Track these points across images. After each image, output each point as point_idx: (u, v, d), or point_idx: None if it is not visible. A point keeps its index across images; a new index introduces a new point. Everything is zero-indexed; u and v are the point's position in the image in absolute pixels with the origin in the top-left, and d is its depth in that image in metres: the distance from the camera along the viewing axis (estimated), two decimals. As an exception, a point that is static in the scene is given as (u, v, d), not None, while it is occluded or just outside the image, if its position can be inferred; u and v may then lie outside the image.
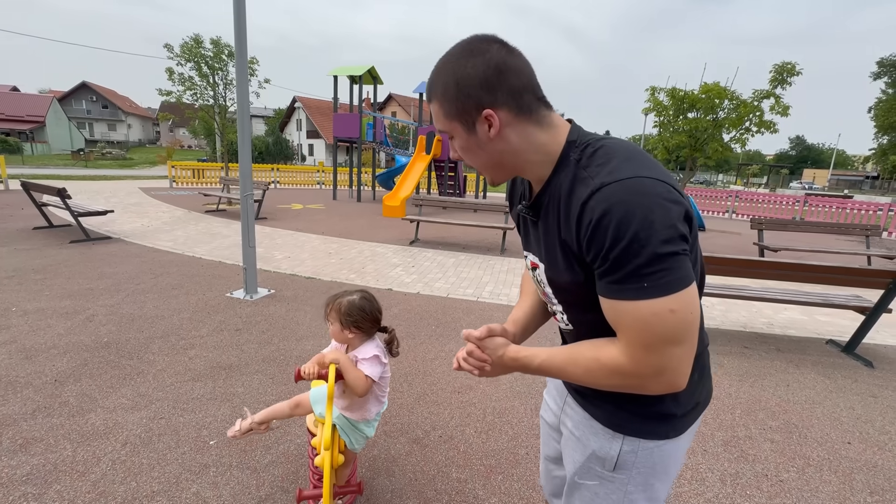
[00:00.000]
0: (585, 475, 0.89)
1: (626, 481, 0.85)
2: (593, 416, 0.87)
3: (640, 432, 0.82)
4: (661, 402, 0.81)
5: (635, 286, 0.65)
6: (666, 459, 0.84)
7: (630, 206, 0.63)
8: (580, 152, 0.74)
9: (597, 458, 0.86)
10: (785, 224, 7.18)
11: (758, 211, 14.71)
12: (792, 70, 5.60)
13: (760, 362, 3.34)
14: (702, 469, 2.09)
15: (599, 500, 0.88)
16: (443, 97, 0.75)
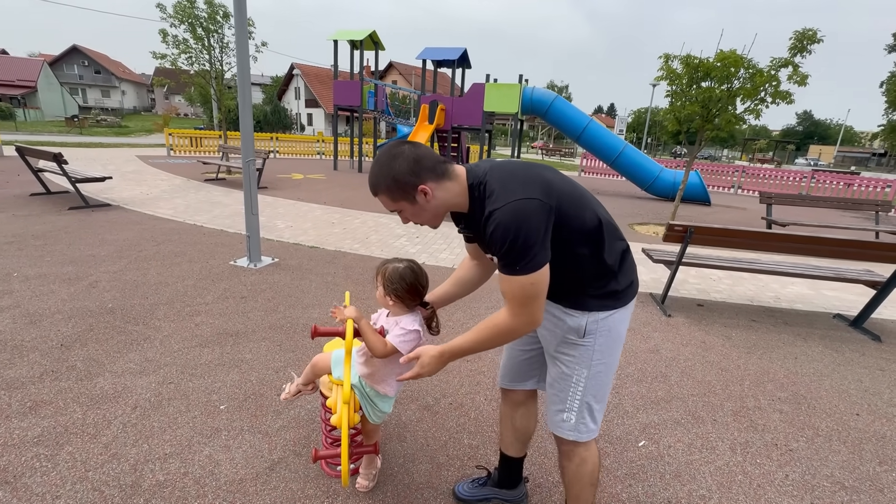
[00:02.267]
0: (563, 345, 1.25)
1: (593, 343, 1.22)
2: (566, 305, 1.22)
3: (598, 307, 1.20)
4: (608, 284, 1.19)
5: (513, 268, 1.06)
6: (617, 325, 1.22)
7: (506, 225, 1.03)
8: (477, 191, 1.13)
9: (571, 329, 1.22)
10: (794, 199, 7.08)
11: (764, 187, 14.52)
12: (813, 37, 5.36)
13: (768, 335, 3.33)
14: (712, 438, 2.09)
15: (575, 361, 1.24)
16: (387, 190, 1.14)
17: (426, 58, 12.48)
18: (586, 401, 1.26)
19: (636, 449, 1.98)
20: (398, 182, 1.11)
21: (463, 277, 1.55)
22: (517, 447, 1.58)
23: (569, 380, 1.26)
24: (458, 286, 1.55)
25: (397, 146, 1.13)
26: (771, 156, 45.54)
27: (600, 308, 1.20)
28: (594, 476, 1.34)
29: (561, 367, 1.27)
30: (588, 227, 1.14)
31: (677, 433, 2.11)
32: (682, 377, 2.63)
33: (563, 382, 1.27)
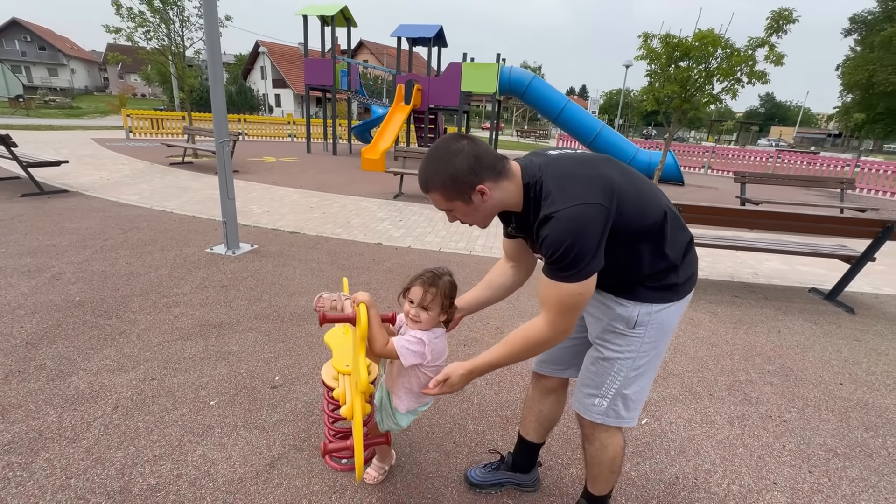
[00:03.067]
0: (607, 333, 1.19)
1: (642, 335, 1.15)
2: (617, 294, 1.16)
3: (653, 299, 1.13)
4: (667, 277, 1.13)
5: (562, 275, 1.01)
6: (670, 318, 1.16)
7: (563, 231, 0.98)
8: (533, 191, 1.07)
9: (620, 318, 1.16)
10: (766, 177, 7.31)
11: (732, 167, 14.97)
12: (789, 17, 5.45)
13: (751, 310, 3.43)
14: (710, 412, 2.13)
15: (620, 351, 1.18)
16: (442, 188, 1.07)
17: (401, 35, 12.10)
18: (623, 391, 1.20)
19: (640, 427, 1.99)
20: (456, 181, 1.04)
21: (497, 281, 1.42)
22: (539, 433, 1.54)
23: (610, 367, 1.20)
24: (492, 290, 1.42)
25: (455, 141, 1.06)
26: (736, 137, 47.03)
27: (655, 300, 1.14)
28: (615, 464, 1.31)
29: (603, 353, 1.21)
30: (649, 223, 1.08)
31: (677, 409, 2.14)
32: (676, 354, 2.67)
33: (603, 368, 1.21)
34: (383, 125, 11.14)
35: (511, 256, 1.39)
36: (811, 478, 1.75)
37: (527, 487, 1.61)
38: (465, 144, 1.05)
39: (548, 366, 1.46)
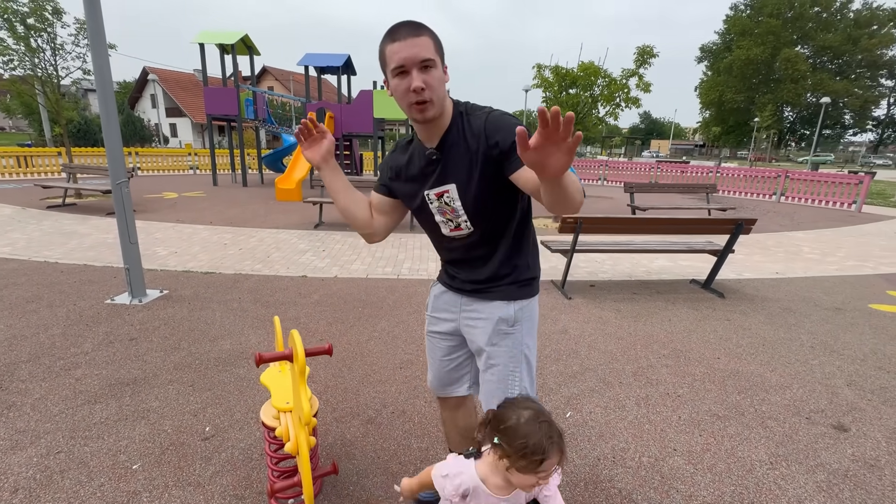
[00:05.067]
0: (495, 337, 1.30)
1: (521, 330, 1.30)
2: (493, 299, 1.30)
3: (522, 295, 1.30)
4: (529, 271, 1.31)
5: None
6: (536, 309, 1.35)
7: (504, 117, 1.12)
8: (463, 107, 1.18)
9: (503, 320, 1.29)
10: (649, 186, 8.40)
11: (623, 177, 16.86)
12: (651, 52, 6.45)
13: (647, 304, 3.94)
14: (621, 398, 2.43)
15: (507, 349, 1.30)
16: (434, 38, 1.07)
17: (308, 64, 12.03)
18: (524, 384, 1.31)
19: (565, 420, 2.22)
20: (439, 44, 1.09)
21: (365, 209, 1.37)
22: (465, 444, 1.67)
23: (504, 369, 1.30)
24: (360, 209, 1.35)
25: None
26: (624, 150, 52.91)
27: (525, 296, 1.30)
28: None
29: (496, 358, 1.30)
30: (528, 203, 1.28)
31: (594, 399, 2.41)
32: (590, 350, 2.99)
33: (500, 372, 1.31)
34: (296, 154, 10.89)
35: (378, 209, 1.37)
36: (701, 440, 2.09)
37: None
38: None
39: (443, 388, 1.54)
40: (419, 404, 2.32)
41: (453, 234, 1.29)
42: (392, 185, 1.33)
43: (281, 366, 1.76)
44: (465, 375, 1.51)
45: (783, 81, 47.26)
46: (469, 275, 1.34)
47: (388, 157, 1.36)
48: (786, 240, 7.03)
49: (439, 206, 1.25)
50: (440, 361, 1.50)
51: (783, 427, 2.21)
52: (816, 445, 2.07)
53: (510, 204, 1.23)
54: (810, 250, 6.30)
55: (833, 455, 2.01)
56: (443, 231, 1.30)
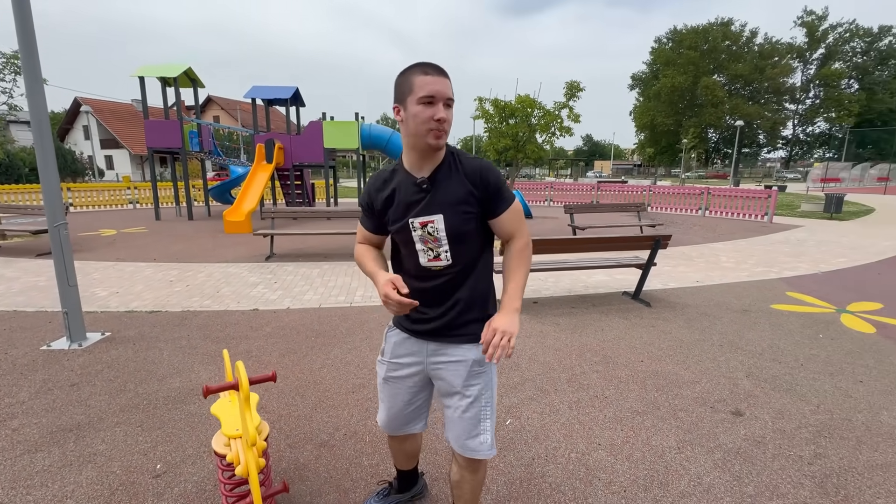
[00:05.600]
0: (472, 378, 1.38)
1: (492, 366, 1.43)
2: (463, 342, 1.39)
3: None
4: (493, 308, 1.44)
5: (510, 197, 1.34)
6: None
7: (494, 169, 1.32)
8: (454, 149, 1.34)
9: (476, 362, 1.38)
10: (588, 207, 9.04)
11: (567, 198, 17.86)
12: (578, 87, 7.12)
13: (583, 316, 4.29)
14: (555, 403, 2.69)
15: (481, 388, 1.39)
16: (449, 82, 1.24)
17: (255, 97, 12.05)
18: (492, 419, 1.41)
19: (505, 427, 2.44)
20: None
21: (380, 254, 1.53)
22: (411, 463, 1.81)
23: (478, 405, 1.38)
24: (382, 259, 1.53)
25: None
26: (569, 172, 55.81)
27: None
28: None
29: (471, 396, 1.37)
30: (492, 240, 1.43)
31: (532, 407, 2.65)
32: (530, 363, 3.26)
33: (475, 410, 1.37)
34: (245, 185, 10.78)
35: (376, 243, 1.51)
36: (622, 434, 2.38)
37: (417, 495, 1.89)
38: None
39: (400, 428, 1.59)
40: (370, 424, 2.46)
41: (430, 265, 1.34)
42: (378, 217, 1.39)
43: (230, 395, 1.87)
44: (423, 414, 1.58)
45: (705, 106, 52.10)
46: (436, 311, 1.37)
47: (371, 192, 1.39)
48: (707, 251, 7.80)
49: (422, 234, 1.31)
50: (402, 405, 1.52)
51: (691, 416, 2.54)
52: (716, 430, 2.41)
53: (485, 240, 1.38)
54: (727, 259, 7.04)
55: (729, 436, 2.35)
56: (421, 260, 1.34)
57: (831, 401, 2.72)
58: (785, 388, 2.88)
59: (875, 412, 2.60)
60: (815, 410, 2.62)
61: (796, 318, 4.26)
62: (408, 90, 1.20)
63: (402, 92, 1.22)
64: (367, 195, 1.40)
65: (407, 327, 1.45)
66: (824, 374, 3.07)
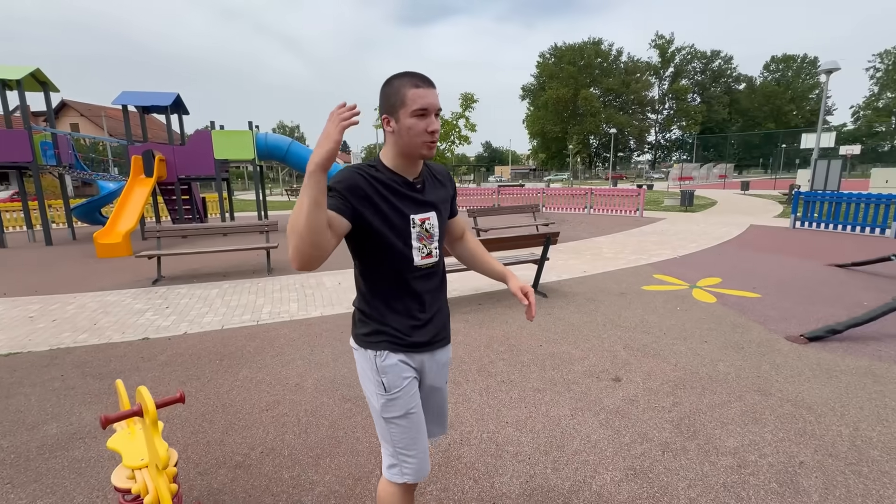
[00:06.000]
0: (446, 374, 1.53)
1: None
2: (444, 346, 1.47)
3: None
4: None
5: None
6: None
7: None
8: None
9: (449, 361, 1.52)
10: (490, 210, 9.64)
11: (471, 202, 18.73)
12: (472, 99, 7.60)
13: (490, 311, 4.63)
14: (467, 392, 2.91)
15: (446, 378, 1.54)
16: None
17: (126, 103, 10.77)
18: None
19: (422, 421, 2.59)
20: None
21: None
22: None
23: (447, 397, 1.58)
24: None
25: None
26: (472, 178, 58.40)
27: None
28: None
29: (445, 390, 1.54)
30: None
31: (447, 398, 2.84)
32: (443, 359, 3.45)
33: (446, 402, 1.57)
34: (120, 202, 9.57)
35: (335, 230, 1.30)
36: (525, 411, 2.67)
37: None
38: None
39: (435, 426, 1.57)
40: (288, 438, 2.43)
41: (423, 263, 1.33)
42: (360, 208, 1.22)
43: (129, 427, 1.76)
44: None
45: (585, 116, 58.29)
46: (429, 314, 1.37)
47: (356, 178, 1.22)
48: (592, 245, 8.81)
49: (419, 231, 1.31)
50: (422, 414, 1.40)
51: (581, 387, 2.94)
52: (601, 395, 2.82)
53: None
54: (608, 251, 8.04)
55: (611, 399, 2.77)
56: (415, 259, 1.31)
57: (685, 359, 3.34)
58: (652, 354, 3.46)
59: (714, 364, 3.25)
60: (673, 369, 3.19)
61: (660, 295, 5.07)
62: (399, 103, 1.19)
63: (393, 104, 1.21)
64: (345, 182, 1.21)
65: (405, 342, 1.33)
66: (680, 339, 3.74)
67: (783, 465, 2.14)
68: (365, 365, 1.36)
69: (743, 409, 2.64)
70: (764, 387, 2.90)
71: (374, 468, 2.18)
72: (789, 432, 2.40)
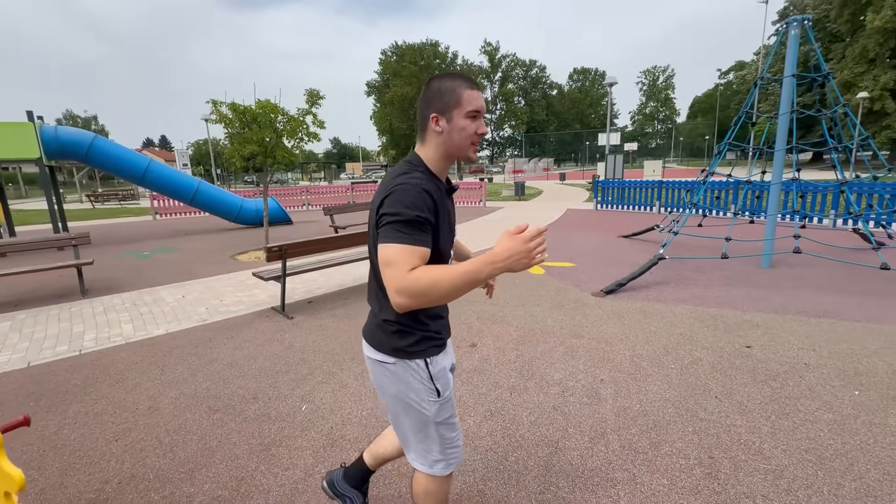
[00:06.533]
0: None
1: None
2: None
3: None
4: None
5: None
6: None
7: None
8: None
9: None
10: (346, 207, 9.64)
11: (325, 201, 18.22)
12: (318, 95, 7.49)
13: (356, 304, 4.79)
14: (344, 380, 3.06)
15: None
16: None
17: None
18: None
19: (301, 413, 2.66)
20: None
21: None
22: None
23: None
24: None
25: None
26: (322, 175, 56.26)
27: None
28: None
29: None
30: None
31: (324, 388, 2.95)
32: (315, 354, 3.51)
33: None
34: None
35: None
36: (399, 384, 2.95)
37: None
38: None
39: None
40: (150, 461, 2.25)
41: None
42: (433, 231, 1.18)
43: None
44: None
45: (429, 114, 61.13)
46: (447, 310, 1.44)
47: (429, 202, 1.15)
48: (446, 234, 9.58)
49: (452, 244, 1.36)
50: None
51: (445, 357, 3.35)
52: (461, 360, 3.28)
53: None
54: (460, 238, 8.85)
55: (470, 362, 3.25)
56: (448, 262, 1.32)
57: (523, 321, 4.05)
58: (499, 320, 4.10)
59: (544, 321, 4.03)
60: (516, 329, 3.85)
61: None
62: (454, 102, 1.18)
63: (447, 103, 1.19)
64: (422, 207, 1.13)
65: (443, 342, 1.39)
66: (519, 306, 4.49)
67: (590, 383, 2.87)
68: (411, 376, 1.30)
69: (564, 350, 3.39)
70: (578, 332, 3.74)
71: (258, 465, 2.20)
72: (594, 361, 3.19)
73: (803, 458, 2.12)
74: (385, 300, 1.27)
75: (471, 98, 1.19)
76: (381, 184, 1.22)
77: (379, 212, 1.15)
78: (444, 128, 1.20)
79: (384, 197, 1.14)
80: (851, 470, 2.03)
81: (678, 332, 3.68)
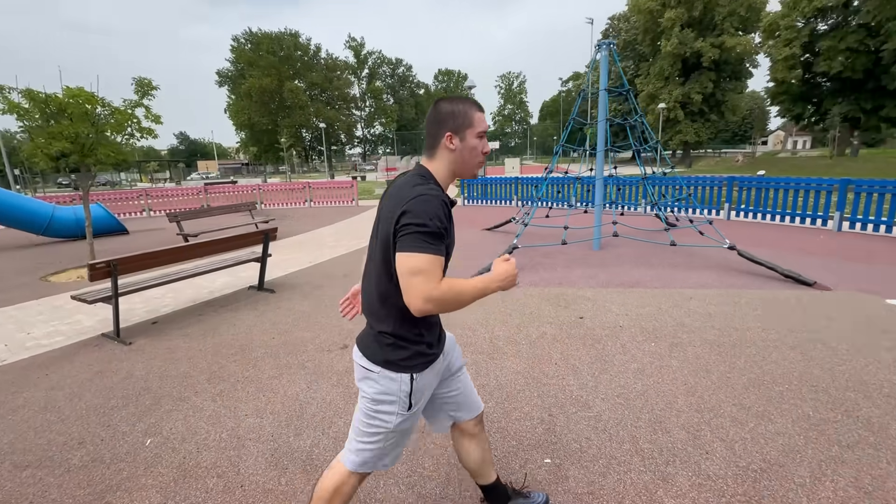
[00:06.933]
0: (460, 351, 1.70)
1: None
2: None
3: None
4: None
5: None
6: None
7: None
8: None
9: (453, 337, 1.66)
10: (198, 212, 8.59)
11: (172, 205, 15.91)
12: (150, 85, 6.52)
13: (213, 320, 4.35)
14: (197, 403, 2.79)
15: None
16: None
17: None
18: None
19: (144, 449, 2.36)
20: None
21: None
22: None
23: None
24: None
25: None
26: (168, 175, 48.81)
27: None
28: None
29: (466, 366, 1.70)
30: None
31: (174, 416, 2.65)
32: (162, 380, 3.12)
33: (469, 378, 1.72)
34: None
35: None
36: (264, 398, 2.81)
37: None
38: None
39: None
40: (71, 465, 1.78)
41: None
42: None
43: None
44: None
45: (294, 108, 57.52)
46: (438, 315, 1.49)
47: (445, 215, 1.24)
48: (316, 236, 9.23)
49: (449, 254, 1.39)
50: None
51: (314, 362, 3.29)
52: (333, 363, 3.26)
53: None
54: (330, 240, 8.63)
55: (340, 363, 3.24)
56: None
57: (395, 317, 4.16)
58: (371, 319, 4.14)
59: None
60: (387, 326, 3.94)
61: (376, 271, 5.95)
62: (468, 123, 1.31)
63: (461, 124, 1.31)
64: (442, 219, 1.23)
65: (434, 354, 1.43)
66: (391, 303, 4.59)
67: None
68: (392, 386, 1.36)
69: (432, 340, 3.60)
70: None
71: (121, 475, 1.90)
72: (463, 346, 3.45)
73: (616, 403, 2.64)
74: (387, 308, 1.34)
75: (480, 119, 1.34)
76: (391, 193, 1.32)
77: (400, 220, 1.21)
78: (458, 146, 1.33)
79: (405, 205, 1.20)
80: (647, 405, 2.60)
81: (528, 312, 4.19)
